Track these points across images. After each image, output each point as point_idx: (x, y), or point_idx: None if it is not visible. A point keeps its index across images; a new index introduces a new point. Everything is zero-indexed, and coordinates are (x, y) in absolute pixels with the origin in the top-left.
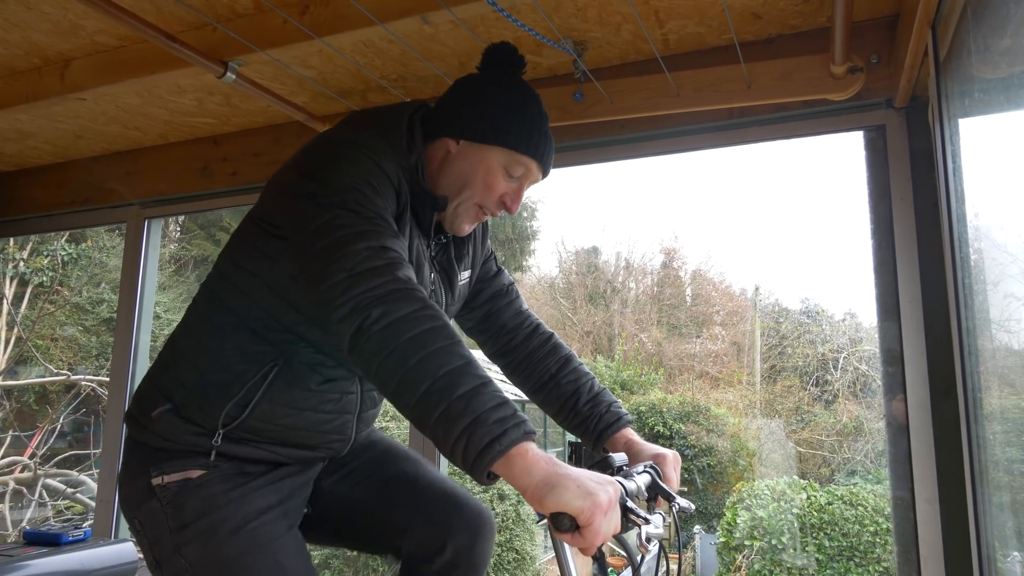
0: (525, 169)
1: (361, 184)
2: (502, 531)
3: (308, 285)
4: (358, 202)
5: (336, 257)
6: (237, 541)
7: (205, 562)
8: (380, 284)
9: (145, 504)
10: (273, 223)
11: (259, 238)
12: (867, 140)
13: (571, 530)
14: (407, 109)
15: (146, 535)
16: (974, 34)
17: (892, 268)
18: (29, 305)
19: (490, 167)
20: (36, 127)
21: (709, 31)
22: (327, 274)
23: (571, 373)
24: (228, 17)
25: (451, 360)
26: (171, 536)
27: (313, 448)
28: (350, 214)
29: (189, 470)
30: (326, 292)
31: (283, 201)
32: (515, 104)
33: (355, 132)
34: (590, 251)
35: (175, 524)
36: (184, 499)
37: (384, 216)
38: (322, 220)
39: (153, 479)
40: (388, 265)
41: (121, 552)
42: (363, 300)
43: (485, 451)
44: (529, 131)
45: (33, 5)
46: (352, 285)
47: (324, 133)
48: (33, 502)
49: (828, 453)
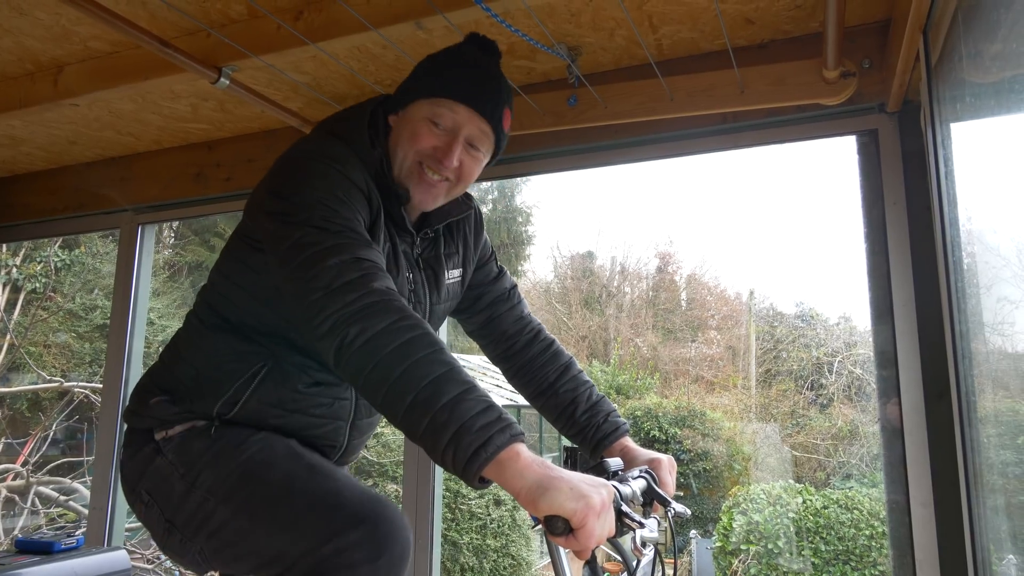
0: (451, 114)
1: (328, 198)
2: (498, 536)
3: (290, 303)
4: (324, 218)
5: (310, 276)
6: (248, 446)
7: (222, 478)
8: (355, 299)
9: (151, 467)
10: (254, 238)
11: (244, 252)
12: (860, 144)
13: (565, 533)
14: (369, 105)
15: (156, 500)
16: (965, 39)
17: (886, 272)
18: (22, 311)
19: (414, 122)
20: (29, 133)
21: (702, 36)
22: (303, 293)
23: (570, 381)
24: (222, 23)
25: (433, 369)
26: (182, 480)
27: None
28: (316, 231)
29: (193, 421)
30: (305, 310)
31: (257, 220)
32: (438, 57)
33: (320, 143)
34: (585, 256)
35: (184, 468)
36: (190, 442)
37: (353, 227)
38: (292, 240)
39: (156, 434)
40: (362, 278)
41: (114, 560)
42: (340, 317)
43: (473, 458)
44: (448, 74)
45: (26, 11)
46: (328, 302)
47: (294, 145)
48: (25, 510)
49: (823, 457)
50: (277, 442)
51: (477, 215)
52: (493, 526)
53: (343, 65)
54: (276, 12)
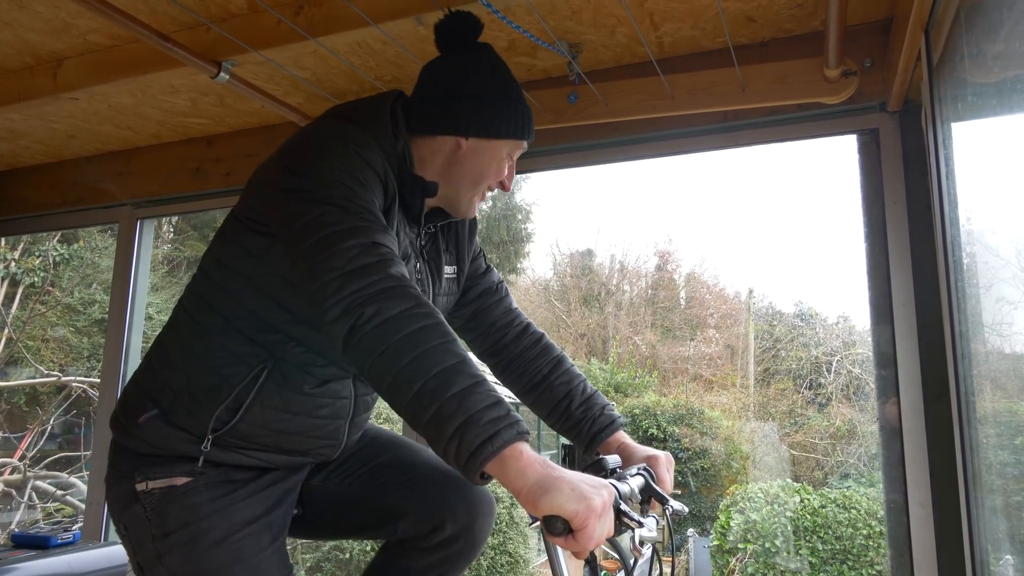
0: (521, 150)
1: (347, 178)
2: (495, 534)
3: (298, 284)
4: (345, 197)
5: (325, 256)
6: (220, 553)
7: (186, 572)
8: (372, 283)
9: (129, 509)
10: (258, 220)
11: (243, 236)
12: (860, 143)
13: (564, 533)
14: (387, 98)
15: (130, 539)
16: (967, 38)
17: (885, 271)
18: (20, 306)
19: (500, 159)
20: (28, 127)
21: (703, 34)
22: (317, 273)
23: (563, 375)
24: (222, 17)
25: (444, 359)
26: (153, 543)
27: (304, 454)
28: (337, 210)
29: (174, 477)
30: (317, 292)
31: (267, 198)
32: (509, 94)
33: (338, 125)
34: (584, 254)
35: (158, 532)
36: (168, 507)
37: (372, 211)
38: (309, 217)
39: (137, 484)
40: (379, 262)
41: (111, 555)
42: (355, 300)
43: (477, 451)
44: (524, 117)
45: (26, 4)
46: (343, 285)
47: (307, 127)
48: (23, 504)
49: (821, 456)
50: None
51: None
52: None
53: (343, 60)
54: (276, 7)
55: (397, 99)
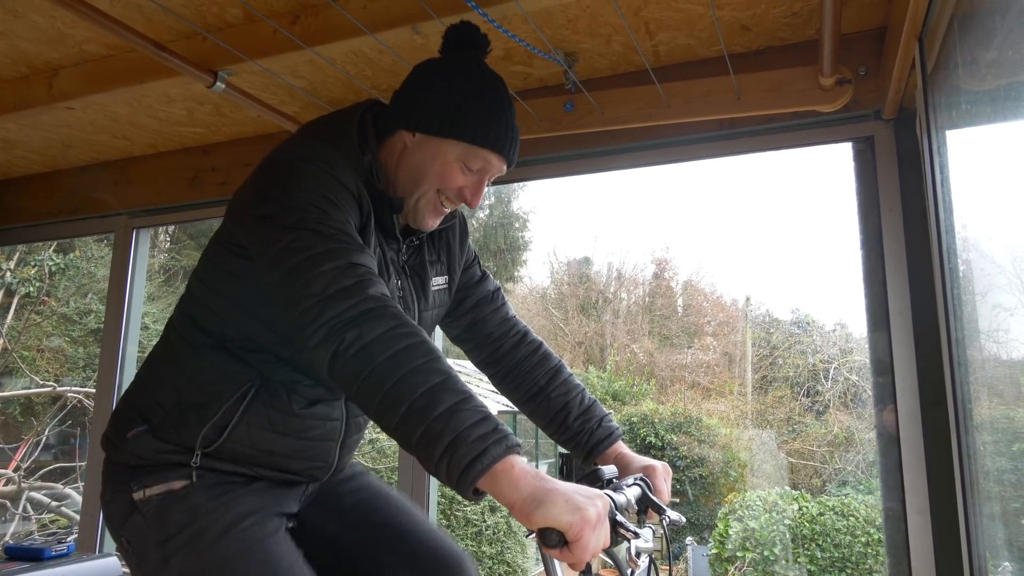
0: (484, 162)
1: (319, 200)
2: (493, 543)
3: (280, 310)
4: (318, 220)
5: (303, 282)
6: (225, 543)
7: (195, 569)
8: (351, 305)
9: (129, 520)
10: (237, 243)
11: (225, 259)
12: (856, 151)
13: (560, 545)
14: (358, 109)
15: (133, 552)
16: (961, 46)
17: (881, 279)
18: (15, 316)
19: (446, 161)
20: (24, 136)
21: (699, 43)
22: (296, 300)
23: (561, 385)
24: (218, 27)
25: (429, 378)
26: (157, 549)
27: (295, 473)
28: (311, 234)
29: (171, 481)
30: (298, 319)
31: (243, 224)
32: (472, 93)
33: (307, 144)
34: (582, 262)
35: (161, 537)
36: (167, 511)
37: (347, 231)
38: (283, 244)
39: (134, 494)
40: (358, 284)
41: (105, 567)
42: (336, 324)
43: (467, 469)
44: (487, 122)
45: (21, 14)
46: (323, 310)
47: (279, 146)
48: (17, 516)
49: (819, 464)
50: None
51: (461, 223)
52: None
53: (339, 69)
54: (272, 16)
55: (368, 109)
